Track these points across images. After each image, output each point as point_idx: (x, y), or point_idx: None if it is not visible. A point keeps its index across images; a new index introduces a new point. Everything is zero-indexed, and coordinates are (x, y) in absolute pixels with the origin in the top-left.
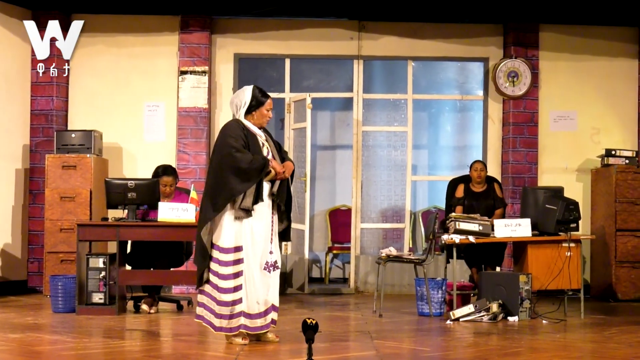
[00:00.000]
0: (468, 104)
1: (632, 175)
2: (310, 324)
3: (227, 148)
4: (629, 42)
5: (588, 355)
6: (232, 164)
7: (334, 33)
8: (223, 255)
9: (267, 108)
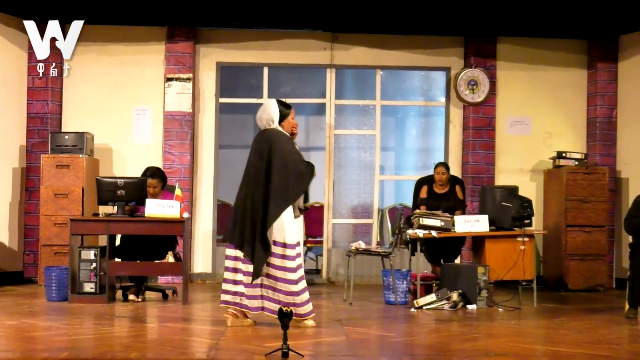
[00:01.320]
0: (431, 110)
1: (581, 176)
2: (285, 311)
3: (291, 154)
4: (579, 53)
5: (540, 341)
6: (297, 169)
7: (308, 44)
8: (290, 250)
9: (292, 117)
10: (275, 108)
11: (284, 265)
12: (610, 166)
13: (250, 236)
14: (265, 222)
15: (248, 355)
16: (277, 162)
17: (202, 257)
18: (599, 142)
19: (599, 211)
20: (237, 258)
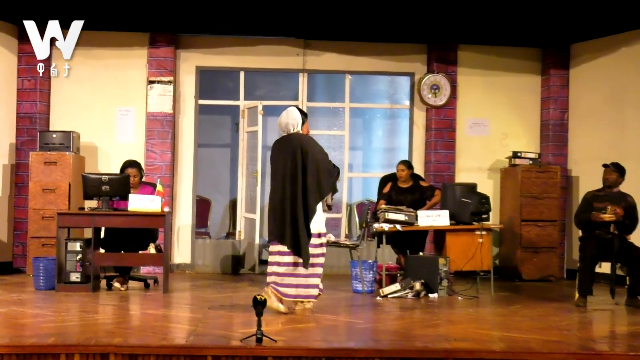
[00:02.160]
0: (396, 112)
1: (535, 174)
2: (260, 299)
3: (321, 155)
4: (533, 60)
5: (497, 327)
6: (326, 168)
7: (282, 50)
8: (316, 240)
9: (307, 123)
10: (299, 114)
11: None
12: (561, 165)
13: (293, 230)
14: (307, 216)
15: (225, 341)
16: (311, 162)
17: (181, 249)
18: (552, 143)
19: (551, 207)
20: (281, 252)
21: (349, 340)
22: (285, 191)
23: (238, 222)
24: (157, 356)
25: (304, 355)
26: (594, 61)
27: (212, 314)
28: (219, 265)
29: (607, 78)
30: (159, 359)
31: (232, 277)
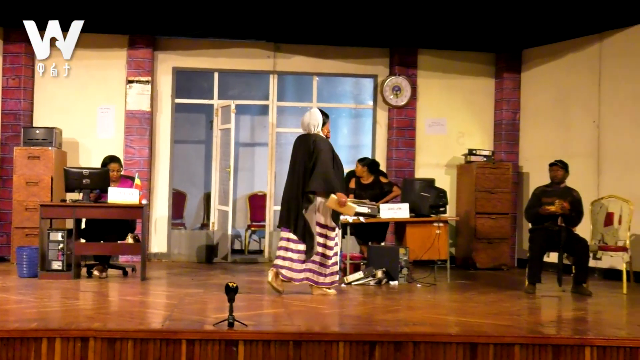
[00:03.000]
0: (361, 112)
1: (488, 170)
2: (231, 286)
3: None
4: (487, 64)
5: (453, 312)
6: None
7: (254, 52)
8: (331, 232)
9: (328, 125)
10: (320, 116)
11: (325, 243)
12: (513, 162)
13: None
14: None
15: (198, 325)
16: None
17: (158, 239)
18: (504, 141)
19: (504, 201)
20: (289, 239)
21: (315, 325)
22: (299, 187)
23: (212, 214)
24: (135, 340)
25: (273, 339)
26: (543, 66)
27: (187, 300)
28: (194, 254)
29: (555, 81)
30: (136, 343)
31: (206, 266)
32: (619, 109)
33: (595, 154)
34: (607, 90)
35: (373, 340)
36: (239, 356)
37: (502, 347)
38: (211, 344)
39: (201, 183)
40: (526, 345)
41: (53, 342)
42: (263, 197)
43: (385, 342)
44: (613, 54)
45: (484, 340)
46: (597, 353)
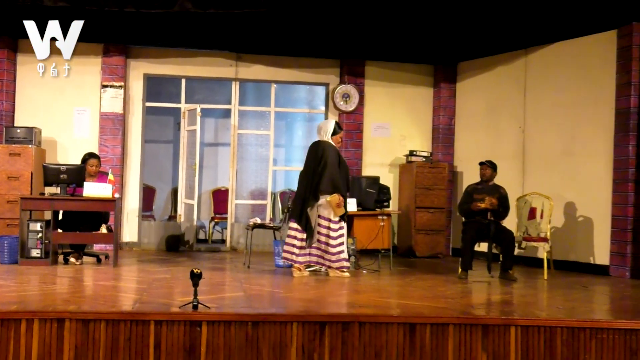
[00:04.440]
0: (314, 116)
1: (427, 169)
2: (196, 272)
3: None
4: (427, 75)
5: (394, 296)
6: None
7: (218, 61)
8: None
9: (341, 135)
10: (332, 126)
11: (328, 234)
12: (449, 162)
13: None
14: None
15: (165, 307)
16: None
17: (129, 229)
18: (441, 144)
19: (440, 197)
20: (297, 229)
21: (271, 307)
22: (308, 186)
23: (179, 207)
24: (107, 321)
25: (233, 320)
26: (476, 77)
27: (155, 285)
28: (162, 243)
29: (486, 91)
30: (108, 324)
31: (173, 254)
32: (542, 116)
33: (521, 155)
34: (532, 99)
35: (323, 320)
36: (202, 336)
37: (438, 327)
38: (177, 324)
39: (169, 179)
40: (459, 325)
41: (32, 323)
42: (225, 192)
43: (334, 322)
44: (537, 67)
45: (422, 320)
46: (521, 332)
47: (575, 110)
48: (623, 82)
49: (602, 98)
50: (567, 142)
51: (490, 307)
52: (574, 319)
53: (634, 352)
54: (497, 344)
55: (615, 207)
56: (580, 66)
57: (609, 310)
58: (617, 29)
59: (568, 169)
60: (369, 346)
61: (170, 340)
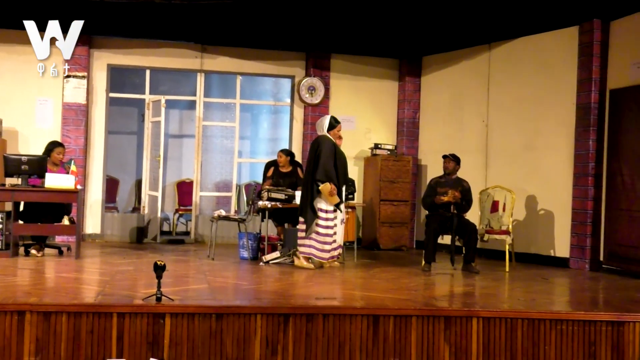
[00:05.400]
0: (279, 108)
1: (392, 162)
2: (160, 264)
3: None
4: (392, 69)
5: (359, 288)
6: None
7: (183, 52)
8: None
9: (338, 129)
10: (327, 121)
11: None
12: (413, 156)
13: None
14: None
15: (128, 300)
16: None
17: (92, 221)
18: (406, 137)
19: (404, 189)
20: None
21: (235, 299)
22: (308, 179)
23: (142, 199)
24: (69, 313)
25: (197, 312)
26: (440, 71)
27: (118, 277)
28: (126, 235)
29: (450, 85)
30: (70, 316)
31: (136, 246)
32: (505, 110)
33: (484, 149)
34: (495, 93)
35: (287, 312)
36: (165, 328)
37: (401, 319)
38: (140, 316)
39: (133, 170)
40: (422, 317)
41: None
42: (190, 183)
43: (298, 314)
44: (500, 62)
45: (385, 312)
46: (482, 323)
47: (537, 105)
48: (584, 78)
49: (564, 93)
50: (529, 137)
51: (453, 299)
52: (535, 310)
53: (592, 343)
54: (459, 336)
55: (576, 200)
56: (543, 62)
57: (568, 302)
58: (578, 26)
59: (530, 163)
60: (333, 338)
61: (133, 333)
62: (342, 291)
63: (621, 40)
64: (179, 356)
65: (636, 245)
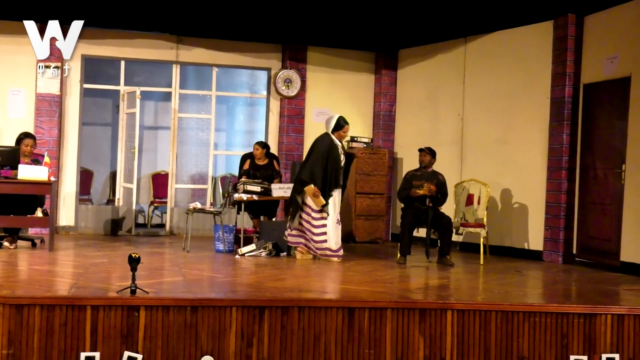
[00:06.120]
0: (256, 100)
1: (367, 155)
2: (134, 257)
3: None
4: (368, 62)
5: (334, 280)
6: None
7: (158, 43)
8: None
9: (344, 130)
10: (334, 121)
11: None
12: (389, 149)
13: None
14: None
15: (102, 292)
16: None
17: (66, 213)
18: (382, 130)
19: (380, 182)
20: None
21: (210, 292)
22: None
23: (117, 191)
24: (42, 306)
25: (172, 305)
26: (416, 64)
27: (92, 270)
28: (100, 227)
29: (426, 78)
30: (43, 309)
31: (111, 238)
32: (480, 104)
33: (459, 142)
34: (470, 87)
35: (263, 305)
36: (139, 321)
37: (376, 311)
38: (114, 309)
39: (107, 162)
40: (397, 309)
41: None
42: (165, 176)
43: (273, 307)
44: (475, 56)
45: (361, 305)
46: (457, 316)
47: (512, 98)
48: (558, 72)
49: (538, 87)
50: (504, 130)
51: (428, 292)
52: (508, 303)
53: (564, 335)
54: (434, 328)
55: (549, 194)
56: (518, 56)
57: (541, 295)
58: (553, 20)
59: (505, 157)
60: (308, 330)
61: (107, 326)
62: (317, 283)
63: (595, 35)
64: (153, 349)
65: (608, 238)
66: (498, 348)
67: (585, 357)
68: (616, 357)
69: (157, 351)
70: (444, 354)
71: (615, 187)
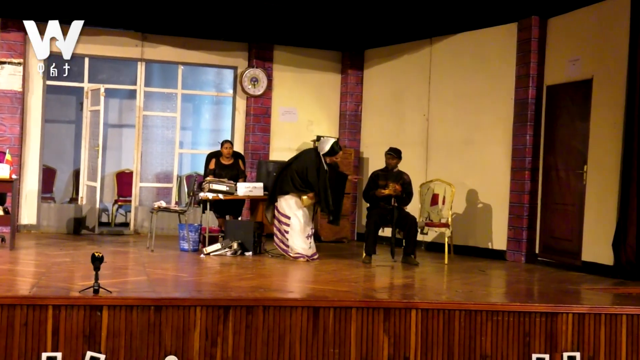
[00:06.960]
0: (222, 99)
1: None
2: (97, 256)
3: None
4: (335, 61)
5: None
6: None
7: (123, 40)
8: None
9: (337, 157)
10: (329, 145)
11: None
12: (355, 148)
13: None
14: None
15: (65, 292)
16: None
17: (28, 211)
18: (348, 130)
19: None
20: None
21: (175, 291)
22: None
23: (81, 189)
24: (2, 306)
25: (135, 304)
26: (382, 64)
27: (55, 269)
28: (63, 226)
29: (392, 78)
30: (3, 308)
31: (74, 237)
32: (445, 104)
33: (425, 143)
34: (436, 87)
35: (227, 304)
36: (102, 320)
37: (341, 310)
38: (76, 309)
39: (71, 160)
40: (362, 309)
41: None
42: (130, 174)
43: (238, 306)
44: (441, 57)
45: (326, 304)
46: (421, 315)
47: (477, 99)
48: (522, 74)
49: (502, 89)
50: (469, 131)
51: (392, 291)
52: (472, 302)
53: (527, 334)
54: (398, 327)
55: (513, 194)
56: (483, 57)
57: (504, 294)
58: (517, 22)
59: (469, 157)
60: (273, 330)
61: (69, 326)
62: (282, 283)
63: (558, 37)
64: (116, 349)
65: (569, 238)
66: (461, 347)
67: (547, 356)
68: (577, 356)
69: (120, 351)
70: (408, 353)
71: (577, 188)
